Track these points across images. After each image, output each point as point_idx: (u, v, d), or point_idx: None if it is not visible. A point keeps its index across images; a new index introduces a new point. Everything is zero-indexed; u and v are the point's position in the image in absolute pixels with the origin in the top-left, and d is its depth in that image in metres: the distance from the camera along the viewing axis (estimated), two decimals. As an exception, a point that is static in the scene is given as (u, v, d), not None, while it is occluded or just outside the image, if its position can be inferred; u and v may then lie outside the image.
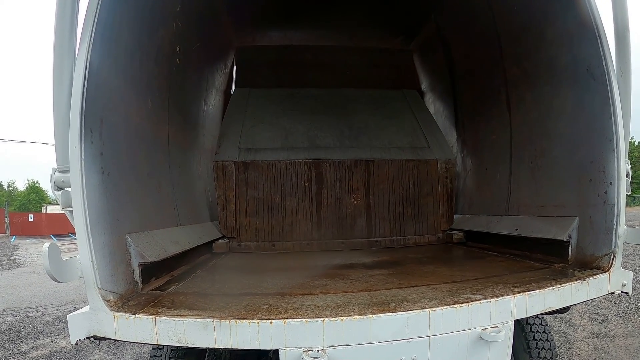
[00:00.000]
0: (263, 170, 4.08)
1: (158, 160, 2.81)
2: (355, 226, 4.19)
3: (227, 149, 4.11)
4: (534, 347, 2.78)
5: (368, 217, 4.22)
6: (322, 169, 4.18)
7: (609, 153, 2.25)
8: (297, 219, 4.12)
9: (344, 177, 4.21)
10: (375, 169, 4.23)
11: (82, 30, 1.82)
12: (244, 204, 4.03)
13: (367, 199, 4.22)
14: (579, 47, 2.43)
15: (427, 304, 1.74)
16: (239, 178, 4.02)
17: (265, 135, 4.35)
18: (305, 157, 4.17)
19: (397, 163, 4.27)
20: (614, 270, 2.15)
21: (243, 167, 4.03)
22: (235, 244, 3.96)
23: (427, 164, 4.30)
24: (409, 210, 4.27)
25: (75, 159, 1.71)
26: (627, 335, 4.98)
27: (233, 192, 3.99)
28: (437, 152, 4.38)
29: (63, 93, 1.79)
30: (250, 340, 1.54)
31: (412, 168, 4.28)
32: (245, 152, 4.12)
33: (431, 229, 4.27)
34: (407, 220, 4.26)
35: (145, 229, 2.36)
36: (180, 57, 3.19)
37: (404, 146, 4.43)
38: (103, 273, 1.76)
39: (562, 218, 2.61)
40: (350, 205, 4.20)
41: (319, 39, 5.26)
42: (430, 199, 4.28)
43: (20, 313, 7.12)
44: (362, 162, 4.22)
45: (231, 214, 3.98)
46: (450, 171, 4.30)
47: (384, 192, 4.24)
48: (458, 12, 4.20)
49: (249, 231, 4.02)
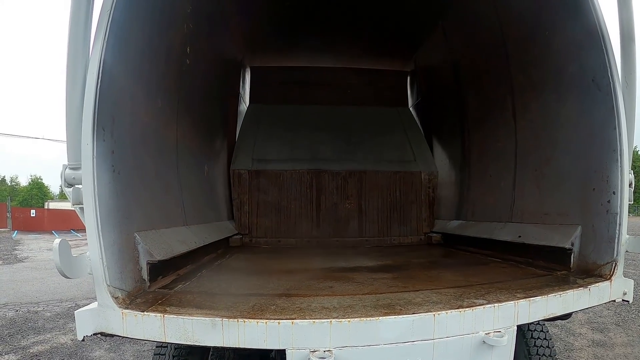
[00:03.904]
0: (272, 178, 4.83)
1: (166, 160, 2.84)
2: (348, 227, 4.89)
3: (242, 160, 4.84)
4: (534, 354, 2.79)
5: (360, 219, 4.92)
6: (321, 178, 4.92)
7: (613, 163, 2.27)
8: (299, 220, 4.83)
9: (340, 185, 4.94)
10: (367, 179, 4.95)
11: (97, 30, 1.85)
12: (256, 206, 4.77)
13: (359, 204, 4.93)
14: (586, 57, 2.45)
15: (432, 307, 1.75)
16: (251, 184, 4.76)
17: (274, 148, 5.04)
18: (307, 168, 4.91)
19: (386, 174, 4.97)
20: (616, 278, 2.17)
21: (255, 175, 4.79)
22: (248, 239, 4.69)
23: (412, 175, 5.00)
24: (395, 214, 4.95)
25: (87, 156, 1.74)
26: (626, 345, 4.99)
27: (246, 195, 4.74)
28: (421, 165, 5.06)
29: (76, 91, 1.81)
30: (258, 340, 1.56)
31: (399, 179, 4.99)
32: (257, 163, 4.85)
33: (414, 231, 4.94)
34: (393, 223, 4.94)
35: (153, 228, 2.38)
36: (190, 59, 3.22)
37: (393, 159, 5.10)
38: (112, 270, 1.78)
39: (565, 226, 2.63)
40: (344, 209, 4.91)
41: (322, 61, 5.80)
42: (414, 206, 4.98)
43: (21, 308, 7.15)
44: (356, 172, 4.95)
45: (244, 214, 4.71)
46: (433, 182, 4.99)
47: (374, 199, 4.93)
48: (464, 20, 4.23)
49: (259, 229, 4.75)
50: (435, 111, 5.35)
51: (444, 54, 4.82)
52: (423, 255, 3.86)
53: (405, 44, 5.53)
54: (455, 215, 4.56)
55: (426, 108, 5.55)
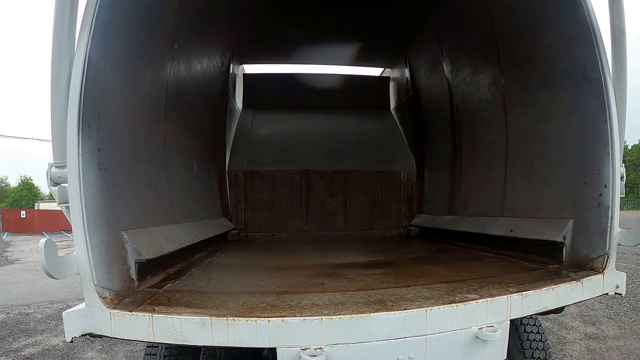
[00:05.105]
0: (265, 178, 5.35)
1: (154, 158, 2.80)
2: (335, 221, 5.42)
3: (238, 162, 5.35)
4: (527, 347, 2.80)
5: (345, 215, 5.44)
6: (310, 178, 5.45)
7: (604, 156, 2.27)
8: (290, 216, 5.35)
9: (327, 184, 5.47)
10: (352, 178, 5.49)
11: (82, 25, 1.80)
12: (251, 204, 5.28)
13: (344, 201, 5.46)
14: (576, 51, 2.45)
15: (423, 303, 1.74)
16: (247, 184, 5.28)
17: (266, 150, 5.57)
18: (297, 169, 5.44)
19: (369, 174, 5.53)
20: (608, 271, 2.17)
21: (250, 176, 5.32)
22: (244, 234, 5.15)
23: (392, 175, 5.57)
24: (377, 210, 5.48)
25: (72, 154, 1.70)
26: (619, 337, 5.03)
27: (242, 194, 5.25)
28: (401, 165, 5.64)
29: (61, 87, 1.77)
30: (247, 339, 1.53)
31: (381, 178, 5.54)
32: (252, 164, 5.38)
33: (394, 225, 5.48)
34: (375, 218, 5.47)
35: (141, 226, 2.34)
36: (177, 55, 3.18)
37: (375, 160, 5.67)
38: (99, 270, 1.74)
39: (557, 220, 2.63)
40: (331, 205, 5.44)
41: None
42: (394, 202, 5.51)
43: (12, 310, 7.06)
44: (342, 172, 5.50)
45: (240, 211, 5.22)
46: (411, 180, 5.54)
47: (358, 196, 5.46)
48: (454, 15, 4.23)
49: (254, 224, 5.25)
50: (426, 107, 5.36)
51: (434, 50, 4.82)
52: (414, 250, 3.86)
53: (394, 42, 5.63)
54: (446, 210, 4.56)
55: (417, 104, 5.56)
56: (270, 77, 6.40)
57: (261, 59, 6.38)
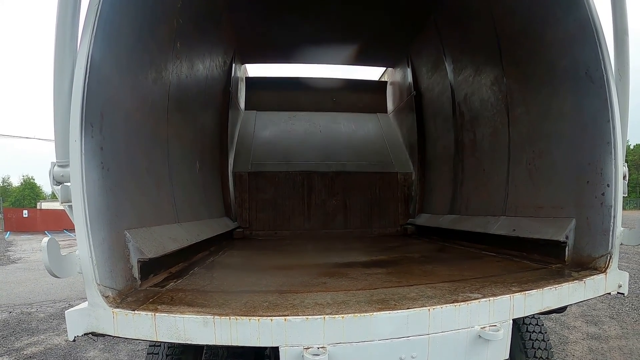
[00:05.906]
0: (268, 179, 5.57)
1: (157, 157, 2.80)
2: (335, 220, 5.66)
3: (242, 163, 5.57)
4: (530, 347, 2.79)
5: (345, 214, 5.68)
6: (311, 179, 5.67)
7: (607, 155, 2.27)
8: (293, 215, 5.57)
9: (328, 184, 5.69)
10: (351, 179, 5.72)
11: (84, 24, 1.81)
12: (255, 203, 5.50)
13: (344, 200, 5.69)
14: (579, 50, 2.44)
15: (426, 302, 1.74)
16: (251, 184, 5.49)
17: (270, 152, 5.82)
18: (299, 170, 5.66)
19: (367, 175, 5.77)
20: (611, 271, 2.17)
21: (254, 177, 5.52)
22: (248, 232, 5.39)
23: (389, 176, 5.81)
24: (375, 209, 5.73)
25: (75, 153, 1.70)
26: (621, 337, 5.02)
27: (247, 194, 5.45)
28: (398, 166, 5.88)
29: (64, 87, 1.77)
30: (250, 337, 1.53)
31: (379, 179, 5.79)
32: (256, 165, 5.60)
33: (391, 224, 5.73)
34: (374, 217, 5.71)
35: (144, 225, 2.34)
36: (180, 55, 3.18)
37: (373, 161, 5.93)
38: (102, 269, 1.75)
39: (560, 219, 2.63)
40: (332, 205, 5.67)
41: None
42: (392, 202, 5.76)
43: (14, 309, 7.07)
44: (342, 173, 5.72)
45: (245, 210, 5.43)
46: (407, 181, 5.80)
47: (357, 196, 5.71)
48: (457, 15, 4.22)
49: (258, 223, 5.48)
50: (428, 107, 5.37)
51: (437, 49, 4.81)
52: (417, 250, 3.86)
53: (396, 41, 5.70)
54: (449, 210, 4.55)
55: (419, 104, 5.57)
56: (272, 80, 6.63)
57: (263, 59, 6.49)
